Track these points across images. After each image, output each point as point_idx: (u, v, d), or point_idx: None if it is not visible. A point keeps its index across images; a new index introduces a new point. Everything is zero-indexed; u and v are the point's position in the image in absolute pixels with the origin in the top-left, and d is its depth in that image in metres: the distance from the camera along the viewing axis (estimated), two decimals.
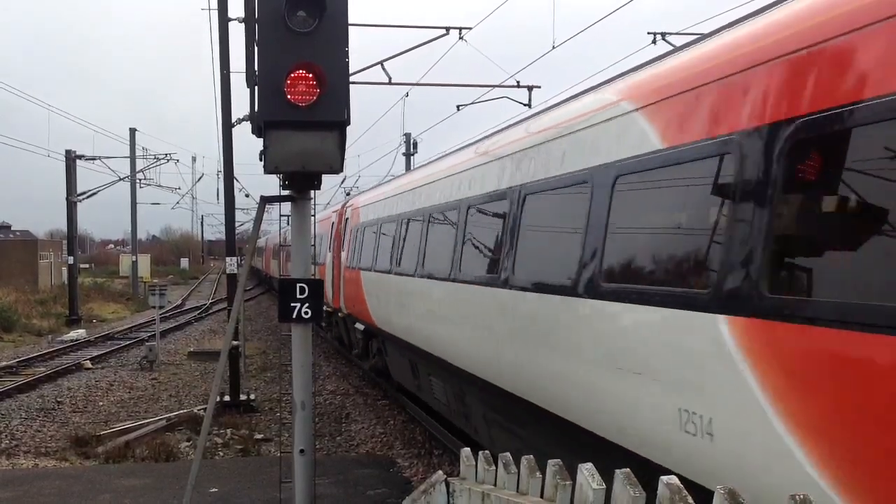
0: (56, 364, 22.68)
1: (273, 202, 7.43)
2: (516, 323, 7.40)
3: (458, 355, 9.32)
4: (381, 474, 11.34)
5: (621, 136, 5.75)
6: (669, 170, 5.12)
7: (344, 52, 6.24)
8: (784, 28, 4.40)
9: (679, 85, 5.17)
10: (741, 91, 4.53)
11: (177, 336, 30.76)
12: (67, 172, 36.40)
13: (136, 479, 11.00)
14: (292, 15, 6.09)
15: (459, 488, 5.01)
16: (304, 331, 7.00)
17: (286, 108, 6.15)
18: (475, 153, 9.69)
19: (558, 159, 6.80)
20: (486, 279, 8.21)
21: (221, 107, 15.64)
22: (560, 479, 3.79)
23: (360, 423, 15.15)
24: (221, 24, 14.98)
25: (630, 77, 6.19)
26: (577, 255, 6.11)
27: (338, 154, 6.39)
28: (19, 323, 32.81)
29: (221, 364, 7.80)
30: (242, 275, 8.15)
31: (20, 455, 12.99)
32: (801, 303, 3.94)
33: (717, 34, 5.40)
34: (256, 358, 23.53)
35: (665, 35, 16.89)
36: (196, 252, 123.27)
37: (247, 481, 10.85)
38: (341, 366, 22.26)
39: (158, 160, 42.34)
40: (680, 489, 2.90)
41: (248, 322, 29.57)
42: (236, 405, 15.97)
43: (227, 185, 16.46)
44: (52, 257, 61.26)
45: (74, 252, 37.53)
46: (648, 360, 5.09)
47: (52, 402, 17.35)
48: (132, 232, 54.10)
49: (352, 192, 31.03)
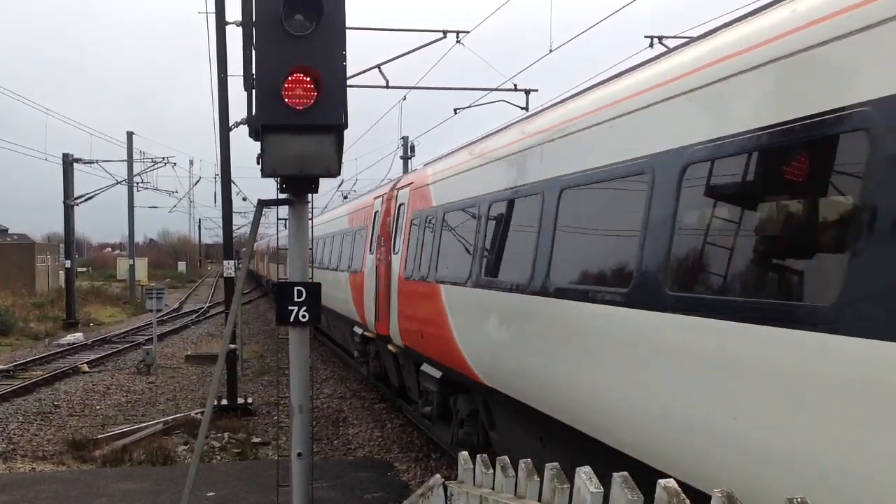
0: (53, 367, 22.66)
1: (270, 206, 7.42)
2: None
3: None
4: (379, 478, 11.33)
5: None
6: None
7: (341, 55, 6.24)
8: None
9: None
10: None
11: (174, 339, 30.72)
12: (65, 176, 36.38)
13: (134, 483, 10.98)
14: (290, 18, 6.08)
15: (457, 492, 5.01)
16: (302, 334, 6.99)
17: (283, 112, 6.14)
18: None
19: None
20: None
21: (219, 110, 15.66)
22: (558, 482, 3.79)
23: (357, 427, 15.13)
24: (219, 27, 15.00)
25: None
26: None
27: (335, 157, 6.38)
28: (16, 326, 32.74)
29: (219, 367, 7.79)
30: (240, 278, 8.15)
31: (17, 459, 12.97)
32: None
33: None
34: (254, 361, 23.51)
35: (662, 38, 16.92)
36: (193, 255, 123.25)
37: (244, 485, 10.83)
38: (339, 369, 22.24)
39: (156, 163, 42.42)
40: (677, 492, 2.90)
41: (246, 325, 29.54)
42: (234, 409, 15.95)
43: (224, 189, 16.45)
44: (50, 260, 61.19)
45: (72, 255, 37.47)
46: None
47: (50, 405, 17.33)
48: (129, 235, 54.13)
49: (349, 196, 30.81)
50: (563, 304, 6.74)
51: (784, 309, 4.25)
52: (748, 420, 4.39)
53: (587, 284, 6.47)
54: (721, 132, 4.87)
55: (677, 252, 5.27)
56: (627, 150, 5.94)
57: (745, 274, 4.75)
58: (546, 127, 7.63)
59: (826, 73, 4.14)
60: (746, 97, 4.74)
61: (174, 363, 24.04)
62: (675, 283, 5.23)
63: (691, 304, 4.98)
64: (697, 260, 5.21)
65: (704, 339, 4.84)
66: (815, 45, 4.20)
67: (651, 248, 5.49)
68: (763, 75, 4.58)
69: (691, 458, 4.93)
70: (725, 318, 4.63)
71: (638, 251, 5.62)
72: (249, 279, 61.36)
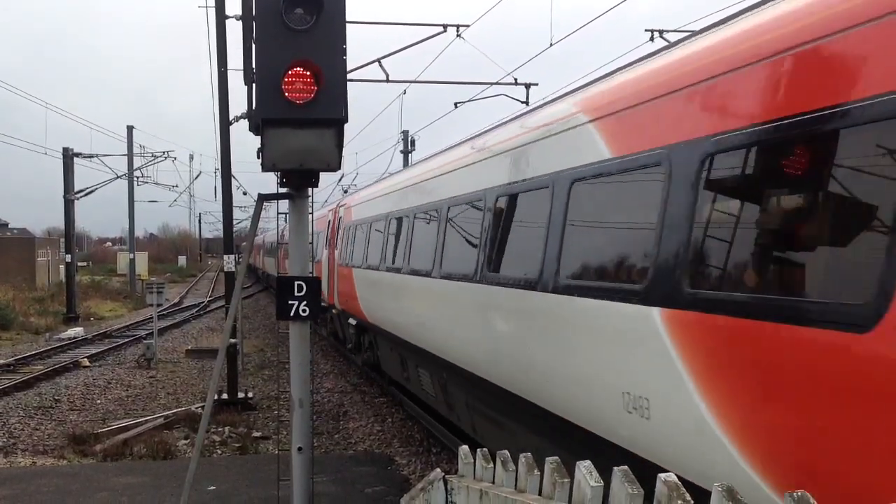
0: (54, 362, 22.65)
1: (270, 200, 7.40)
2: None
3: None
4: (379, 472, 11.34)
5: None
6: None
7: (341, 49, 6.23)
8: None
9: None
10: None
11: (175, 334, 30.73)
12: (65, 170, 36.35)
13: (134, 477, 11.00)
14: (290, 12, 6.07)
15: (458, 486, 5.01)
16: (302, 328, 7.00)
17: (284, 106, 6.14)
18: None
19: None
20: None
21: (219, 104, 15.63)
22: (558, 476, 3.79)
23: (358, 421, 15.15)
24: (219, 21, 14.97)
25: None
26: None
27: (335, 151, 6.38)
28: (17, 321, 32.77)
29: (219, 362, 7.80)
30: (240, 272, 8.14)
31: (18, 453, 13.00)
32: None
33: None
34: (254, 356, 23.53)
35: (662, 32, 16.87)
36: (194, 250, 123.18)
37: (245, 479, 10.84)
38: (339, 363, 22.26)
39: (156, 158, 42.39)
40: (678, 486, 2.90)
41: (246, 320, 29.55)
42: (234, 403, 15.97)
43: (224, 183, 16.44)
44: (50, 255, 61.19)
45: (72, 250, 37.46)
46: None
47: (50, 400, 17.34)
48: (130, 230, 54.09)
49: (349, 190, 31.05)
50: (395, 276, 12.43)
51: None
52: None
53: (398, 263, 12.30)
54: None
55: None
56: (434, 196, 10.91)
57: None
58: (402, 181, 13.60)
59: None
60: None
61: (175, 357, 24.06)
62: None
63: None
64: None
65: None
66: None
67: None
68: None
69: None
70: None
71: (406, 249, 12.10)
72: (249, 273, 61.31)
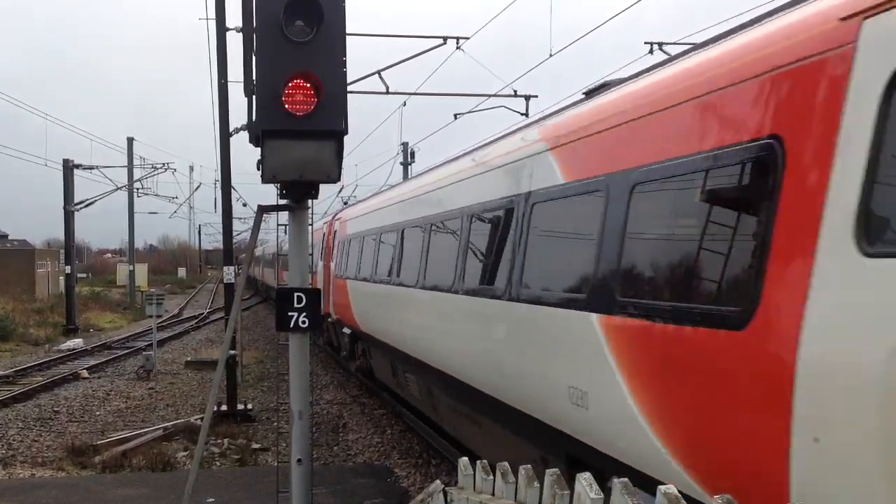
0: (53, 373, 22.62)
1: (270, 211, 7.41)
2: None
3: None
4: (379, 484, 11.31)
5: None
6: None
7: (341, 61, 6.25)
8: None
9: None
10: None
11: (174, 345, 30.70)
12: (65, 181, 36.40)
13: (133, 489, 10.96)
14: (290, 24, 6.09)
15: (457, 497, 5.00)
16: (302, 340, 6.98)
17: (284, 118, 6.15)
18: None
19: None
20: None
21: (219, 116, 15.67)
22: (558, 488, 3.79)
23: (357, 433, 15.12)
24: (220, 33, 15.02)
25: None
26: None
27: (335, 163, 6.39)
28: (16, 332, 32.74)
29: (219, 373, 7.78)
30: (240, 284, 8.14)
31: (17, 465, 12.96)
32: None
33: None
34: (254, 367, 23.49)
35: (662, 45, 16.93)
36: (193, 261, 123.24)
37: (244, 491, 10.81)
38: (338, 375, 22.22)
39: (156, 169, 42.38)
40: (678, 498, 2.90)
41: (246, 331, 29.51)
42: (233, 415, 15.93)
43: (224, 195, 16.46)
44: (50, 266, 61.22)
45: (72, 261, 37.47)
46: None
47: (49, 411, 17.31)
48: (129, 241, 54.13)
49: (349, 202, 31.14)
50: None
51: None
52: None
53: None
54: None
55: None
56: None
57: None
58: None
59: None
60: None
61: (174, 369, 24.02)
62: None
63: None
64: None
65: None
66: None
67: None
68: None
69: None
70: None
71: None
72: (248, 285, 61.33)
